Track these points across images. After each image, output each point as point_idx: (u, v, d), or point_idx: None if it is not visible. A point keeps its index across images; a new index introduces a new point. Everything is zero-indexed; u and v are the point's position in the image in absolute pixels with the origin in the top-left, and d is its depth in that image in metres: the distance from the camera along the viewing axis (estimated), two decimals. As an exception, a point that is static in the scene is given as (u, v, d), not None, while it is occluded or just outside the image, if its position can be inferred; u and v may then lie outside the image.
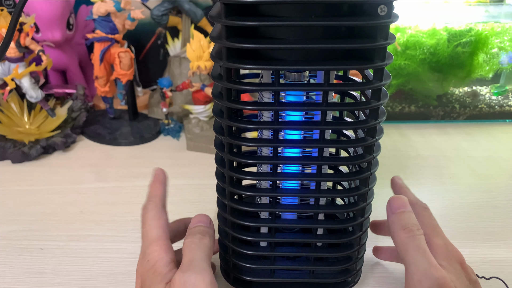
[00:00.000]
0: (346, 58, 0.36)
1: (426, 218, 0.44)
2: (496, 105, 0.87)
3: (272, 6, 0.35)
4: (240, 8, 0.35)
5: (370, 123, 0.39)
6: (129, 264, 0.53)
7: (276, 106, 0.37)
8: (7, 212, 0.62)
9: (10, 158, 0.73)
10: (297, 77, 0.40)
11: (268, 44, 0.35)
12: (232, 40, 0.35)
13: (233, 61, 0.36)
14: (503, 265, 0.54)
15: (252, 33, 0.36)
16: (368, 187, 0.41)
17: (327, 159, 0.41)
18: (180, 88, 0.81)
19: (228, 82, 0.37)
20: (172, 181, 0.71)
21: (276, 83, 0.37)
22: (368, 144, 0.40)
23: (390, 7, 0.33)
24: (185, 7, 0.84)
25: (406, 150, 0.78)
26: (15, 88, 0.76)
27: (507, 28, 0.81)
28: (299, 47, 0.35)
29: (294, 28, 0.35)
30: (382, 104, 0.38)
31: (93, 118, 0.85)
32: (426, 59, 0.81)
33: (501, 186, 0.69)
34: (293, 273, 0.45)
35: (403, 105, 0.86)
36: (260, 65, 0.36)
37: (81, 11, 0.89)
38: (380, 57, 0.36)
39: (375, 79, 0.37)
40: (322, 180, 0.41)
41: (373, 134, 0.40)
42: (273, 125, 0.38)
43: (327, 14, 0.35)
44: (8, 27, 0.42)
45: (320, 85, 0.37)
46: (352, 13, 0.35)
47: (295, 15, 0.35)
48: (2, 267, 0.53)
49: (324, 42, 0.35)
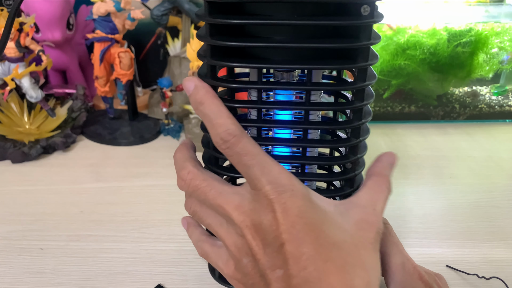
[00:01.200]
0: (330, 57, 0.36)
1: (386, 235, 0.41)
2: (496, 105, 0.87)
3: (256, 5, 0.35)
4: (224, 6, 0.35)
5: (353, 124, 0.39)
6: (129, 264, 0.53)
7: (259, 104, 0.38)
8: (7, 212, 0.62)
9: (10, 158, 0.73)
10: (286, 76, 0.40)
11: (251, 42, 0.35)
12: (215, 38, 0.35)
13: (217, 58, 0.36)
14: (503, 265, 0.54)
15: (237, 31, 0.36)
16: (353, 188, 0.41)
17: (310, 158, 0.41)
18: (180, 88, 0.81)
19: (212, 80, 0.37)
20: (172, 181, 0.71)
21: (259, 82, 0.37)
22: (351, 145, 0.39)
23: (373, 7, 0.33)
24: (185, 7, 0.84)
25: (406, 150, 0.78)
26: (15, 88, 0.76)
27: (507, 28, 0.81)
28: (278, 46, 0.35)
29: (278, 27, 0.35)
30: (365, 105, 0.38)
31: (93, 118, 0.85)
32: (426, 59, 0.81)
33: (501, 186, 0.69)
34: None
35: (403, 105, 0.86)
36: (244, 63, 0.37)
37: (81, 11, 0.89)
38: (363, 57, 0.36)
39: (358, 80, 0.37)
40: (305, 179, 0.40)
41: (357, 134, 0.39)
42: (257, 123, 0.39)
43: (310, 14, 0.35)
44: (5, 24, 0.42)
45: (303, 84, 0.37)
46: (337, 13, 0.35)
47: (278, 14, 0.35)
48: (2, 267, 0.53)
49: (304, 41, 0.35)
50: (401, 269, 0.38)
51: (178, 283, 0.51)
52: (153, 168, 0.73)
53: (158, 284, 0.50)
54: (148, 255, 0.55)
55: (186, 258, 0.54)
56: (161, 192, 0.66)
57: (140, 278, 0.51)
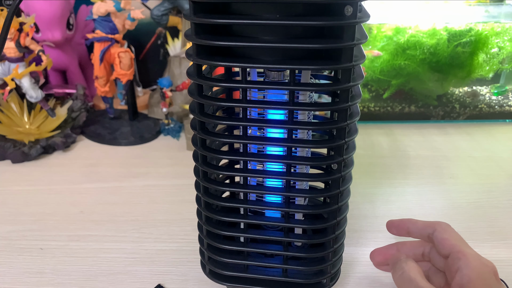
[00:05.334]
0: (316, 58, 0.37)
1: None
2: (496, 105, 0.87)
3: (240, 5, 0.35)
4: (209, 6, 0.35)
5: (338, 124, 0.38)
6: (129, 264, 0.53)
7: (244, 103, 0.38)
8: (7, 212, 0.62)
9: (10, 158, 0.73)
10: (277, 76, 0.40)
11: (236, 42, 0.36)
12: (201, 37, 0.36)
13: (202, 57, 0.37)
14: (503, 265, 0.54)
15: (222, 31, 0.36)
16: (339, 189, 0.41)
17: (296, 158, 0.41)
18: (180, 88, 0.81)
19: (198, 78, 0.38)
20: (172, 181, 0.72)
21: (243, 81, 0.37)
22: (335, 146, 0.39)
23: (355, 7, 0.33)
24: (185, 7, 0.84)
25: (406, 150, 0.78)
26: (15, 88, 0.77)
27: (507, 28, 0.81)
28: (259, 45, 0.36)
29: (262, 27, 0.35)
30: (350, 106, 0.38)
31: (93, 118, 0.85)
32: (426, 59, 0.81)
33: (501, 186, 0.69)
34: (267, 270, 0.45)
35: (403, 105, 0.86)
36: (228, 62, 0.37)
37: (81, 11, 0.89)
38: (347, 57, 0.36)
39: (342, 80, 0.37)
40: (290, 179, 0.40)
41: (342, 135, 0.39)
42: (242, 122, 0.39)
43: (295, 14, 0.35)
44: (3, 23, 0.42)
45: (286, 84, 0.37)
46: (321, 13, 0.35)
47: (263, 14, 0.35)
48: (2, 267, 0.53)
49: (288, 41, 0.35)
50: (478, 258, 0.42)
51: (178, 283, 0.51)
52: (153, 168, 0.73)
53: (158, 284, 0.50)
54: (148, 255, 0.55)
55: (186, 258, 0.54)
56: (161, 192, 0.66)
57: (140, 278, 0.51)
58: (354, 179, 0.44)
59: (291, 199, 0.44)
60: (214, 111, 0.45)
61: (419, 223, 0.48)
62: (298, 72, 0.42)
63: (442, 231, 0.45)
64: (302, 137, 0.42)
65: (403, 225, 0.49)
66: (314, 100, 0.42)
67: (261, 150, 0.43)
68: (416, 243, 0.49)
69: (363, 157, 0.75)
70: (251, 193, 0.43)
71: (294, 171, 0.41)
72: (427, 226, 0.47)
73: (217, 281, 0.46)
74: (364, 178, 0.69)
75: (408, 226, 0.49)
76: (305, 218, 0.47)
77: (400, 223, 0.50)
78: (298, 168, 0.43)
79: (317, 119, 0.47)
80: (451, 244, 0.44)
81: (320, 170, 0.45)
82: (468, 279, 0.40)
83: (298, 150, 0.42)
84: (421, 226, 0.47)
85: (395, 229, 0.50)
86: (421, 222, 0.48)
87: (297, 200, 0.44)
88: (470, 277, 0.40)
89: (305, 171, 0.45)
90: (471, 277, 0.40)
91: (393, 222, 0.50)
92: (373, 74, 0.83)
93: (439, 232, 0.45)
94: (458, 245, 0.43)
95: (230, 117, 0.46)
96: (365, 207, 0.63)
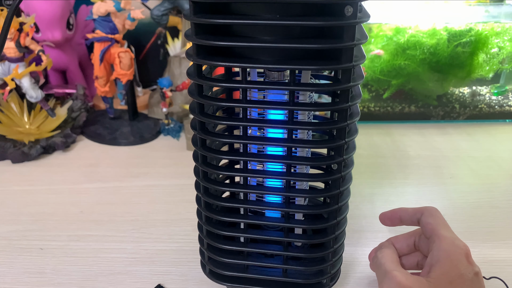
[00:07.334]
0: (316, 58, 0.36)
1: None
2: (496, 105, 0.87)
3: (240, 5, 0.35)
4: (209, 6, 0.35)
5: (338, 124, 0.38)
6: (129, 264, 0.53)
7: (244, 103, 0.38)
8: (7, 212, 0.62)
9: (10, 158, 0.73)
10: (277, 76, 0.40)
11: (235, 42, 0.36)
12: (200, 37, 0.36)
13: (202, 57, 0.37)
14: (503, 265, 0.54)
15: (222, 31, 0.36)
16: (339, 189, 0.41)
17: (296, 158, 0.41)
18: (180, 88, 0.81)
19: (198, 78, 0.38)
20: (172, 181, 0.72)
21: (243, 81, 0.37)
22: (335, 146, 0.39)
23: (356, 7, 0.33)
24: (185, 7, 0.84)
25: (406, 150, 0.78)
26: (15, 88, 0.77)
27: (507, 28, 0.81)
28: (259, 46, 0.36)
29: (262, 27, 0.35)
30: (350, 106, 0.38)
31: (93, 118, 0.85)
32: (426, 59, 0.81)
33: (501, 186, 0.69)
34: (267, 270, 0.45)
35: (403, 105, 0.86)
36: (227, 62, 0.37)
37: (81, 11, 0.89)
38: (347, 57, 0.36)
39: (342, 80, 0.37)
40: (290, 179, 0.41)
41: (342, 135, 0.39)
42: (242, 122, 0.39)
43: (295, 14, 0.35)
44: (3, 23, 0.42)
45: (286, 85, 0.37)
46: (321, 14, 0.35)
47: (262, 15, 0.35)
48: (2, 267, 0.53)
49: (288, 41, 0.35)
50: (451, 240, 0.43)
51: (178, 283, 0.51)
52: (153, 168, 0.73)
53: (158, 284, 0.50)
54: (148, 255, 0.55)
55: (186, 258, 0.54)
56: (161, 192, 0.66)
57: (140, 278, 0.51)
58: (354, 179, 0.44)
59: (291, 199, 0.44)
60: (214, 111, 0.45)
61: (410, 210, 0.49)
62: (298, 72, 0.42)
63: (428, 215, 0.46)
64: (302, 137, 0.42)
65: (395, 214, 0.50)
66: (314, 100, 0.42)
67: (261, 150, 0.43)
68: (407, 234, 0.49)
69: (363, 157, 0.75)
70: (251, 193, 0.43)
71: (294, 171, 0.41)
72: (416, 211, 0.48)
73: (217, 281, 0.46)
74: (364, 178, 0.69)
75: (399, 214, 0.49)
76: (305, 218, 0.47)
77: (392, 213, 0.51)
78: (298, 168, 0.43)
79: (317, 119, 0.46)
80: (432, 228, 0.45)
81: (320, 170, 0.45)
82: (437, 259, 0.42)
83: (298, 150, 0.42)
84: (411, 212, 0.48)
85: (389, 220, 0.51)
86: (411, 208, 0.49)
87: (297, 200, 0.45)
88: (439, 258, 0.42)
89: (305, 171, 0.45)
90: (440, 257, 0.42)
91: (385, 214, 0.51)
92: (373, 74, 0.83)
93: (425, 216, 0.46)
94: (437, 228, 0.44)
95: (230, 117, 0.46)
96: (365, 207, 0.63)
